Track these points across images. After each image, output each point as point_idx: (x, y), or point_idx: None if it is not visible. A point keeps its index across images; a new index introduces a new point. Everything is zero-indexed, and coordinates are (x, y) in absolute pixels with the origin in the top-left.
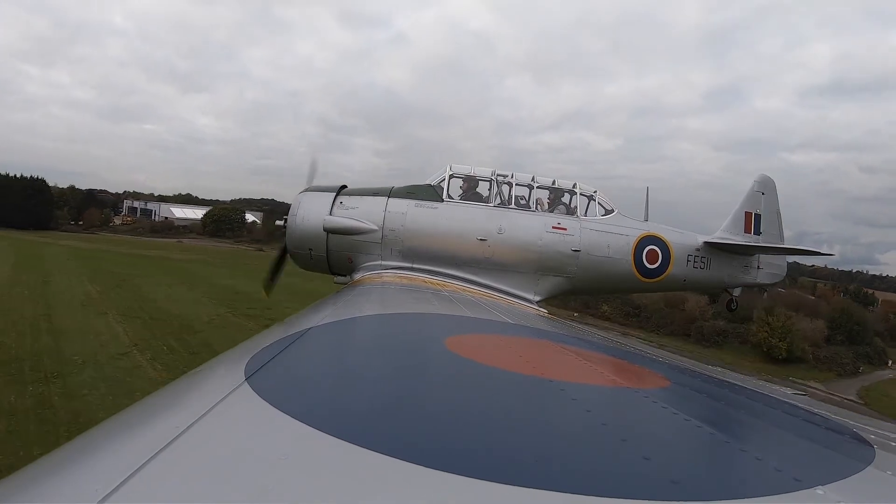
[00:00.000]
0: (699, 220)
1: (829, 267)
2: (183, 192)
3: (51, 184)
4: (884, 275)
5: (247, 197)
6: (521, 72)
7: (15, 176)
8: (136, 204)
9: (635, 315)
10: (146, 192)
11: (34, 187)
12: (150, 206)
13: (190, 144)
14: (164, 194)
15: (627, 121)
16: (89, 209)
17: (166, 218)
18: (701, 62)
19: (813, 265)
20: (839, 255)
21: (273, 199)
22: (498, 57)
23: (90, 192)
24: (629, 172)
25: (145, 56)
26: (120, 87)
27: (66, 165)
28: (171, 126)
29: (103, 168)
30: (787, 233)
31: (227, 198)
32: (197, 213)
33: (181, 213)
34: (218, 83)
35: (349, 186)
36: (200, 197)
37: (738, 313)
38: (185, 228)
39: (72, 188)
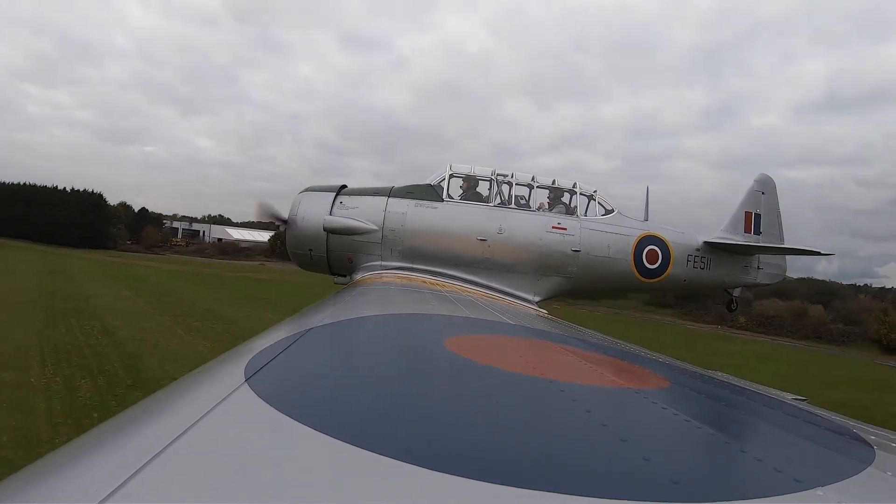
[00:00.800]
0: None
1: (831, 280)
2: (213, 214)
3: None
4: (888, 287)
5: (253, 220)
6: (519, 94)
7: (69, 189)
8: (175, 224)
9: (769, 324)
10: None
11: (91, 202)
12: (196, 226)
13: (190, 166)
14: (188, 215)
15: (625, 141)
16: (145, 228)
17: (220, 240)
18: (696, 81)
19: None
20: (838, 269)
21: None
22: (496, 79)
23: (143, 210)
24: (628, 192)
25: (146, 77)
26: (121, 108)
27: (66, 185)
28: (171, 148)
29: (103, 189)
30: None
31: (238, 219)
32: (254, 234)
33: (238, 234)
34: (218, 106)
35: (349, 186)
36: (234, 220)
37: (847, 317)
38: (250, 250)
39: (124, 205)
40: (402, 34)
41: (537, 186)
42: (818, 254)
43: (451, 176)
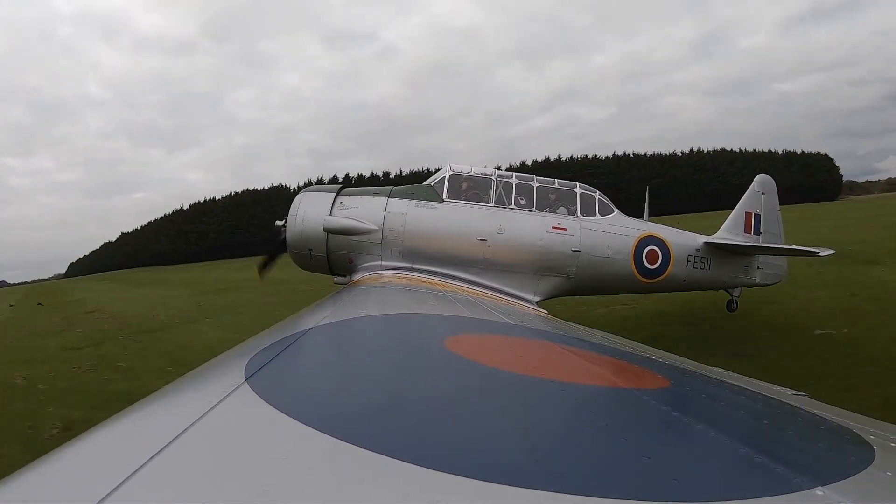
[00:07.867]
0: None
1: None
2: None
3: None
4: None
5: None
6: (510, 61)
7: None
8: None
9: None
10: None
11: None
12: None
13: (182, 205)
14: None
15: (618, 87)
16: None
17: None
18: (684, 16)
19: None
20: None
21: None
22: (487, 50)
23: None
24: (623, 137)
25: (128, 122)
26: (105, 159)
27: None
28: (161, 189)
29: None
30: None
31: None
32: None
33: None
34: (205, 134)
35: (349, 186)
36: None
37: None
38: None
39: None
40: (388, 21)
41: (538, 187)
42: (817, 254)
43: (451, 176)
